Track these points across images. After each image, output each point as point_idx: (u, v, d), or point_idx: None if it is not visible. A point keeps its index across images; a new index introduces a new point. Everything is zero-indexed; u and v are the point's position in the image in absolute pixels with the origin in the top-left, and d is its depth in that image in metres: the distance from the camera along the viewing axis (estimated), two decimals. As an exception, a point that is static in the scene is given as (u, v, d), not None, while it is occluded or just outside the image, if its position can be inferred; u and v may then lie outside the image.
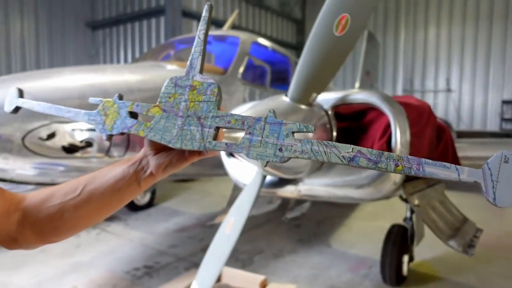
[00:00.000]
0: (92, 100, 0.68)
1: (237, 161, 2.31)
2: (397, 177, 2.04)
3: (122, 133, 0.66)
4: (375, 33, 12.16)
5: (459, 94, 11.00)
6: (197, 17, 9.92)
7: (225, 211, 3.60)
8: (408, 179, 2.27)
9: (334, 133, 2.07)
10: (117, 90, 2.89)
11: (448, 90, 11.10)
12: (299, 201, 4.18)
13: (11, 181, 2.37)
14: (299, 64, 1.75)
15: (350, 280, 3.26)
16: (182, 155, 0.67)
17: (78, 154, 2.43)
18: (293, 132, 0.55)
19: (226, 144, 0.59)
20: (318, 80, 1.74)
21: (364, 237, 4.33)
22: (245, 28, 11.55)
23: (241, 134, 0.59)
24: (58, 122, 2.34)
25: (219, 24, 9.97)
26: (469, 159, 2.97)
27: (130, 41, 10.64)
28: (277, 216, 4.81)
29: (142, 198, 5.36)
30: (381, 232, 3.26)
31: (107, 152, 2.62)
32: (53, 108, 0.73)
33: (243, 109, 2.16)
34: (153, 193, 5.54)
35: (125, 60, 10.86)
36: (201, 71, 0.63)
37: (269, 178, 2.25)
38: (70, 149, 2.40)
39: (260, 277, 2.94)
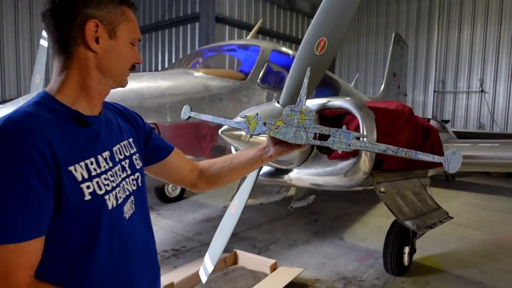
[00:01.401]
0: (240, 115, 1.20)
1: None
2: (366, 168, 2.36)
3: (258, 134, 1.19)
4: (407, 33, 12.07)
5: (493, 96, 10.73)
6: (229, 22, 10.40)
7: (232, 197, 4.03)
8: (379, 171, 2.63)
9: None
10: (152, 94, 3.36)
11: (482, 91, 10.85)
12: (305, 193, 4.56)
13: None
14: (288, 77, 2.12)
15: (356, 268, 3.54)
16: (290, 146, 1.19)
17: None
18: (356, 137, 1.03)
19: (320, 141, 1.09)
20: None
21: (376, 232, 4.55)
22: (276, 31, 11.90)
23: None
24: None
25: (249, 28, 10.39)
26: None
27: (167, 45, 11.37)
28: (296, 211, 5.13)
29: (173, 191, 5.88)
30: (392, 227, 3.48)
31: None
32: (215, 118, 1.30)
33: (245, 112, 2.57)
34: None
35: (163, 62, 11.58)
36: (305, 103, 1.14)
37: (266, 168, 2.67)
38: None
39: (271, 261, 3.30)
